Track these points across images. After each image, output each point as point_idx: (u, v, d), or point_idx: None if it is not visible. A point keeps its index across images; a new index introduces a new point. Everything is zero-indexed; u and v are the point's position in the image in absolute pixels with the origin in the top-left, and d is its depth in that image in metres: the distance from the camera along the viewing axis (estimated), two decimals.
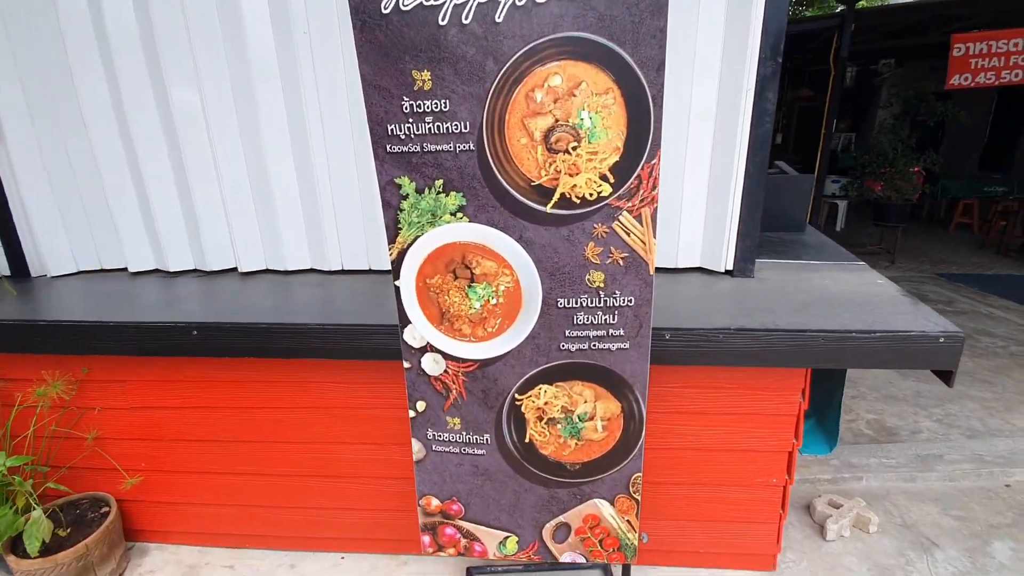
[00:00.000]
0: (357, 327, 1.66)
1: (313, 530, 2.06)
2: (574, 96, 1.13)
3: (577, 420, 1.41)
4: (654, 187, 1.19)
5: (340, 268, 2.20)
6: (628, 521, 1.52)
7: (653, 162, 1.17)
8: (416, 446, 1.53)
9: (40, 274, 2.31)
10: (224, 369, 1.87)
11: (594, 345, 1.33)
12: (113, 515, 1.97)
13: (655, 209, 1.21)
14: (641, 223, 1.22)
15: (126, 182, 2.17)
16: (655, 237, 1.23)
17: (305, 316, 1.75)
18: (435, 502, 1.58)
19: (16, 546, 1.84)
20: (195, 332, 1.71)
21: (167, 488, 2.06)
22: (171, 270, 2.26)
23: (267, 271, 2.25)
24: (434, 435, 1.50)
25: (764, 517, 1.87)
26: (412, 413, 1.50)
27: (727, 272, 1.99)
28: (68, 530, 1.92)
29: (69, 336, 1.79)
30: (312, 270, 2.23)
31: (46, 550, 1.81)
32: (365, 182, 2.04)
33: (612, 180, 1.19)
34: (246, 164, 2.08)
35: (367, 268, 2.18)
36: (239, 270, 2.24)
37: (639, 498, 1.50)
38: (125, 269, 2.33)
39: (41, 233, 2.23)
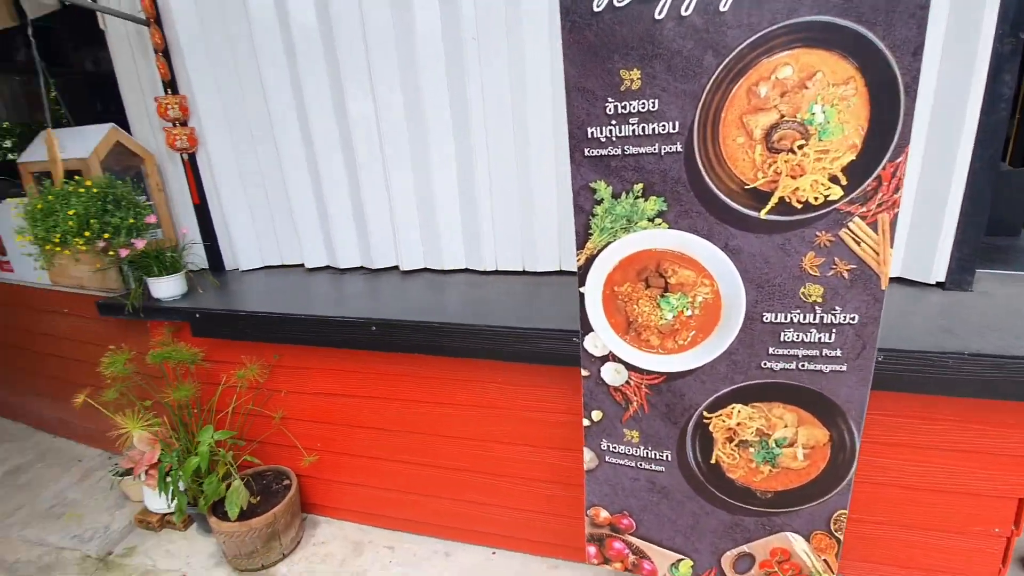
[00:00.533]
0: (527, 330, 1.65)
1: (467, 523, 2.12)
2: (806, 88, 1.01)
3: (774, 445, 1.28)
4: (896, 189, 1.03)
5: (494, 269, 2.23)
6: (825, 561, 1.36)
7: (899, 160, 1.01)
8: (588, 455, 1.49)
9: (232, 268, 2.60)
10: (395, 363, 1.96)
11: (803, 365, 1.20)
12: (295, 488, 2.17)
13: (895, 215, 1.05)
14: (876, 231, 1.06)
15: (306, 186, 2.37)
16: (892, 246, 1.07)
17: (471, 316, 1.79)
18: (604, 514, 1.53)
19: (217, 509, 2.09)
20: (374, 328, 1.82)
21: (338, 468, 2.23)
22: (341, 267, 2.44)
23: (425, 270, 2.34)
24: (609, 446, 1.45)
25: (980, 570, 1.60)
26: (587, 422, 1.46)
27: (937, 284, 1.72)
28: (258, 498, 2.14)
29: (266, 326, 1.99)
30: (466, 270, 2.29)
31: (242, 515, 2.04)
32: (523, 186, 2.04)
33: (844, 182, 1.05)
34: (412, 168, 2.17)
35: (520, 269, 2.19)
36: (400, 268, 2.35)
37: (841, 537, 1.34)
38: (302, 265, 2.55)
39: (236, 232, 2.51)
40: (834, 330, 1.15)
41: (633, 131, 1.12)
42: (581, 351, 1.39)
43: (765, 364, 1.22)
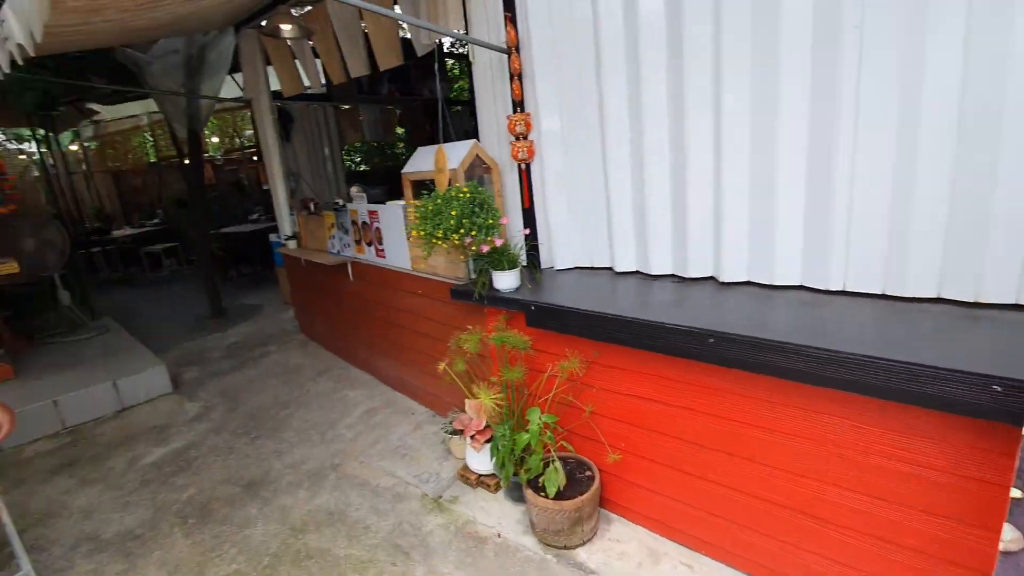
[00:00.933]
0: (911, 366, 1.39)
1: (780, 564, 1.92)
2: None
3: None
4: None
5: (841, 288, 1.96)
6: None
7: None
8: (1011, 534, 1.17)
9: (547, 266, 2.86)
10: (719, 377, 1.89)
11: None
12: (598, 481, 2.27)
13: None
14: None
15: (627, 193, 2.45)
16: None
17: (818, 338, 1.59)
18: None
19: (532, 483, 2.31)
20: (712, 340, 1.76)
21: (639, 471, 2.26)
22: (652, 273, 2.46)
23: (747, 283, 2.20)
24: None
25: None
26: (1017, 493, 1.15)
27: None
28: (565, 482, 2.30)
29: (592, 324, 2.11)
30: (801, 287, 2.07)
31: (556, 494, 2.21)
32: (899, 198, 1.74)
33: None
34: (750, 173, 2.05)
35: (879, 292, 1.88)
36: (717, 279, 2.26)
37: None
38: (610, 269, 2.66)
39: (556, 234, 2.74)
40: None
41: None
42: None
43: None
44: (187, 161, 6.01)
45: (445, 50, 7.68)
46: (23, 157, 10.51)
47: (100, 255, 9.70)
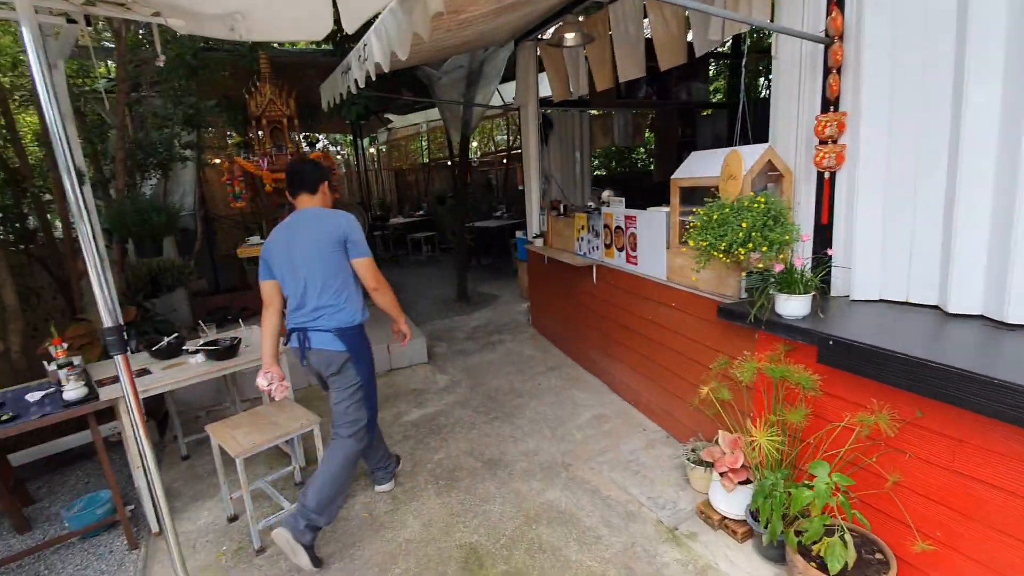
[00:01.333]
0: None
1: None
2: None
3: None
4: None
5: None
6: None
7: None
8: None
9: (841, 295, 2.40)
10: None
11: None
12: (895, 570, 1.82)
13: None
14: None
15: (983, 217, 1.89)
16: None
17: None
18: None
19: (802, 549, 1.96)
20: None
21: (956, 572, 1.73)
22: (1008, 322, 1.87)
23: None
24: None
25: None
26: None
27: None
28: (854, 561, 1.89)
29: (920, 374, 1.67)
30: None
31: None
32: None
33: None
34: None
35: None
36: None
37: None
38: (936, 307, 2.11)
39: (859, 258, 2.28)
40: None
41: None
42: None
43: None
44: (453, 162, 6.83)
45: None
46: (339, 157, 13.37)
47: (379, 238, 11.76)
